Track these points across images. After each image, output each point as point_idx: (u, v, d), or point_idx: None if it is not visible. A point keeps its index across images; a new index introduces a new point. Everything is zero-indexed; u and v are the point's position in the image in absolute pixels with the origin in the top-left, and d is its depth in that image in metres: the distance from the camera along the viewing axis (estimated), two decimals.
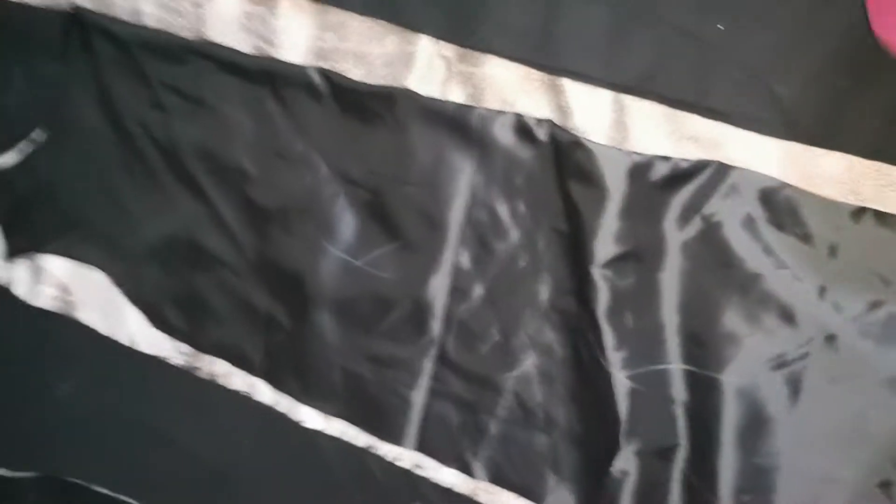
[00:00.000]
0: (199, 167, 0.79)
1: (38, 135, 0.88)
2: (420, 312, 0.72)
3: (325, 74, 0.73)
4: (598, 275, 0.66)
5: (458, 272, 0.71)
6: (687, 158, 0.64)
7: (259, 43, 0.77)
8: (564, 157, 0.67)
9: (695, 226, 0.65)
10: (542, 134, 0.67)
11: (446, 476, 0.76)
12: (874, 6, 0.52)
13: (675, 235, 0.65)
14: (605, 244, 0.66)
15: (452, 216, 0.70)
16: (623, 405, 0.66)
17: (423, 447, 0.75)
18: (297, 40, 0.76)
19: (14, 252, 0.89)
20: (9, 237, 0.90)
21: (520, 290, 0.70)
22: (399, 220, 0.72)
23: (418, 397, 0.74)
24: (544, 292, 0.70)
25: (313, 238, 0.75)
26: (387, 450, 0.78)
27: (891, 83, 0.56)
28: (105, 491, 0.89)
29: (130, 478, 0.89)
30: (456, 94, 0.71)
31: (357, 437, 0.79)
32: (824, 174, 0.63)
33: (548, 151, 0.67)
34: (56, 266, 0.90)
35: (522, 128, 0.68)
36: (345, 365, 0.76)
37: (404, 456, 0.77)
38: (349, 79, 0.72)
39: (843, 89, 0.61)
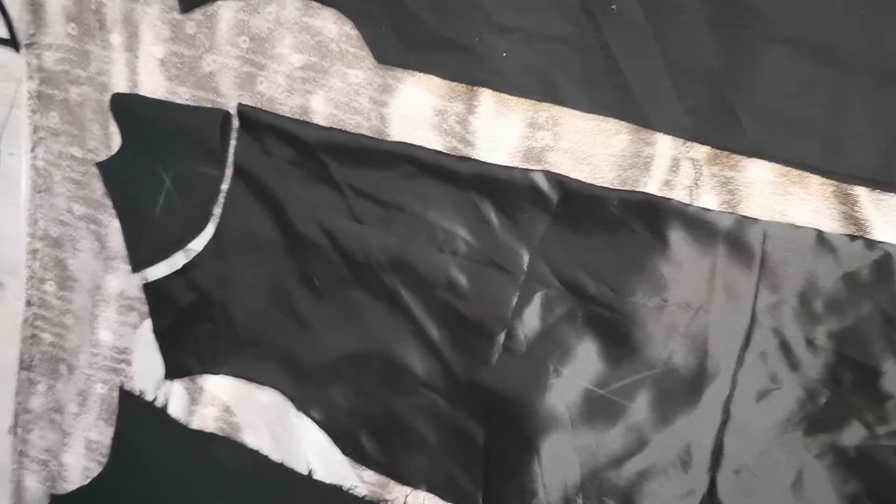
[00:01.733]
0: (397, 279, 0.70)
1: (195, 244, 0.80)
2: (684, 450, 0.63)
3: (555, 179, 0.63)
4: None
5: (735, 406, 0.61)
6: None
7: (453, 143, 0.68)
8: (881, 281, 0.56)
9: None
10: (848, 252, 0.56)
11: None
12: None
13: None
14: None
15: (729, 342, 0.60)
16: None
17: None
18: (500, 140, 0.67)
19: (175, 374, 0.81)
20: (168, 356, 0.82)
21: (818, 432, 0.59)
22: (656, 344, 0.62)
23: None
24: (850, 438, 0.59)
25: (545, 361, 0.66)
26: None
27: None
28: None
29: None
30: (707, 201, 0.60)
31: None
32: None
33: (860, 274, 0.56)
34: (218, 385, 0.82)
35: (825, 244, 0.57)
36: (587, 501, 0.66)
37: None
38: (586, 183, 0.63)
39: None
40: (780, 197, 0.58)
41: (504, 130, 0.66)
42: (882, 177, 0.55)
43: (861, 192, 0.56)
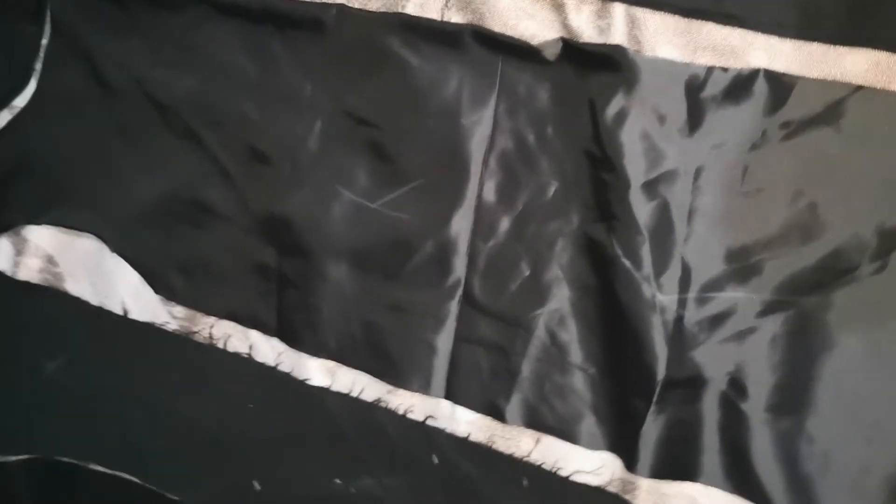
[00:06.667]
0: (199, 119, 0.75)
1: (19, 101, 0.84)
2: (443, 253, 0.68)
3: (330, 7, 0.69)
4: (635, 197, 0.62)
5: (482, 206, 0.68)
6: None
7: None
8: (589, 75, 0.63)
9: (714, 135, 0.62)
10: (554, 54, 0.64)
11: (461, 426, 0.72)
12: None
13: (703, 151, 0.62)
14: (640, 164, 0.62)
15: (474, 147, 0.67)
16: (664, 333, 0.63)
17: (451, 394, 0.71)
18: None
19: (1, 228, 0.85)
20: None
21: (550, 221, 0.66)
22: (417, 156, 0.68)
23: (444, 343, 0.70)
24: (576, 221, 0.66)
25: (325, 184, 0.71)
26: (397, 403, 0.74)
27: None
28: (101, 469, 0.84)
29: (127, 453, 0.85)
30: (455, 21, 0.67)
31: (365, 391, 0.75)
32: (848, 74, 0.60)
33: (568, 71, 0.64)
34: (40, 236, 0.86)
35: (538, 50, 0.64)
36: (365, 316, 0.72)
37: (416, 408, 0.73)
38: (356, 9, 0.69)
39: None
40: (513, 12, 0.65)
41: None
42: None
43: (568, 1, 0.64)
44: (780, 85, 0.60)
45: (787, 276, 0.61)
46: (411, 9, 0.68)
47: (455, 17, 0.67)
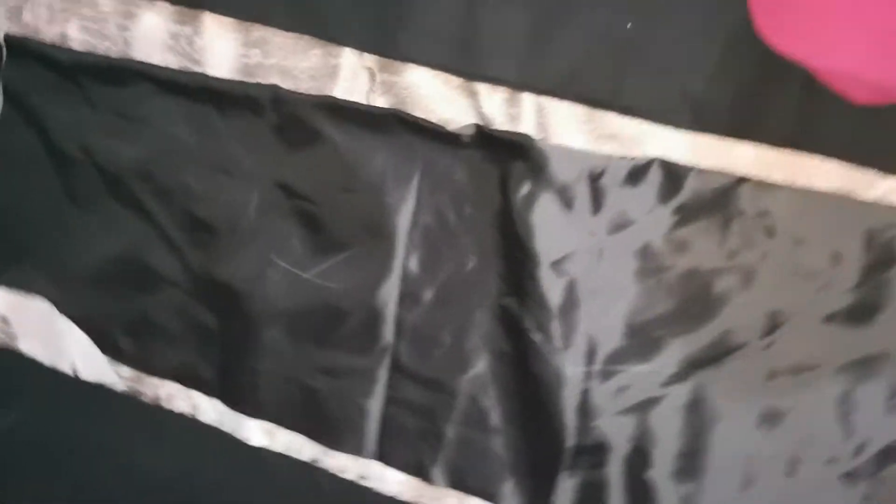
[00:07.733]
0: (144, 188, 0.79)
1: None
2: (372, 321, 0.72)
3: (266, 89, 0.73)
4: (545, 275, 0.66)
5: (407, 278, 0.71)
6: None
7: (185, 62, 0.78)
8: (501, 160, 0.67)
9: (614, 219, 0.66)
10: (471, 139, 0.68)
11: (391, 486, 0.76)
12: (757, 8, 0.53)
13: (605, 234, 0.66)
14: (549, 244, 0.66)
15: (400, 222, 0.70)
16: (572, 403, 0.67)
17: (382, 456, 0.75)
18: (222, 59, 0.76)
19: None
20: None
21: (470, 293, 0.70)
22: (346, 229, 0.72)
23: (375, 406, 0.74)
24: (493, 294, 0.70)
25: (261, 253, 0.75)
26: (331, 463, 0.78)
27: (796, 72, 0.57)
28: None
29: None
30: (380, 103, 0.71)
31: (301, 451, 0.78)
32: (736, 164, 0.64)
33: (482, 155, 0.68)
34: None
35: (455, 135, 0.68)
36: (299, 379, 0.75)
37: (349, 468, 0.77)
38: (290, 91, 0.72)
39: (747, 82, 0.62)
40: (430, 97, 0.69)
41: (224, 49, 0.76)
42: (501, 75, 0.67)
43: (484, 89, 0.68)
44: (674, 173, 0.64)
45: (685, 352, 0.65)
46: (339, 92, 0.72)
47: (379, 101, 0.71)
